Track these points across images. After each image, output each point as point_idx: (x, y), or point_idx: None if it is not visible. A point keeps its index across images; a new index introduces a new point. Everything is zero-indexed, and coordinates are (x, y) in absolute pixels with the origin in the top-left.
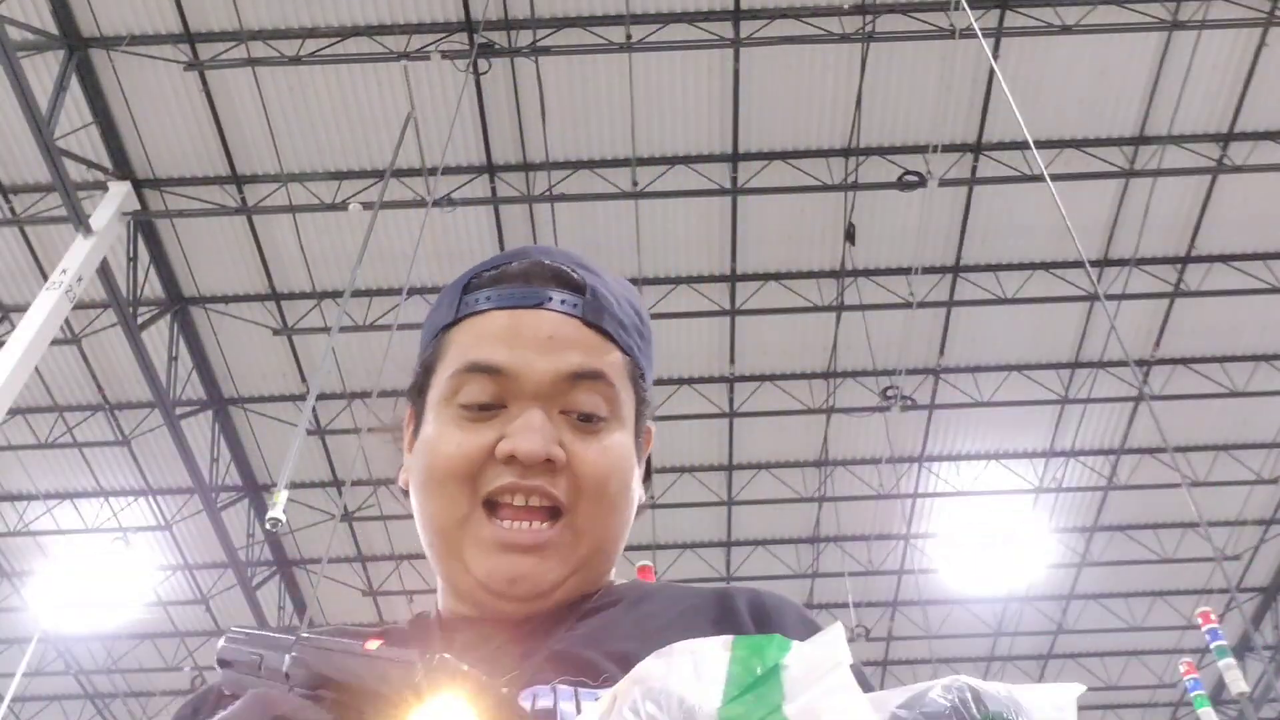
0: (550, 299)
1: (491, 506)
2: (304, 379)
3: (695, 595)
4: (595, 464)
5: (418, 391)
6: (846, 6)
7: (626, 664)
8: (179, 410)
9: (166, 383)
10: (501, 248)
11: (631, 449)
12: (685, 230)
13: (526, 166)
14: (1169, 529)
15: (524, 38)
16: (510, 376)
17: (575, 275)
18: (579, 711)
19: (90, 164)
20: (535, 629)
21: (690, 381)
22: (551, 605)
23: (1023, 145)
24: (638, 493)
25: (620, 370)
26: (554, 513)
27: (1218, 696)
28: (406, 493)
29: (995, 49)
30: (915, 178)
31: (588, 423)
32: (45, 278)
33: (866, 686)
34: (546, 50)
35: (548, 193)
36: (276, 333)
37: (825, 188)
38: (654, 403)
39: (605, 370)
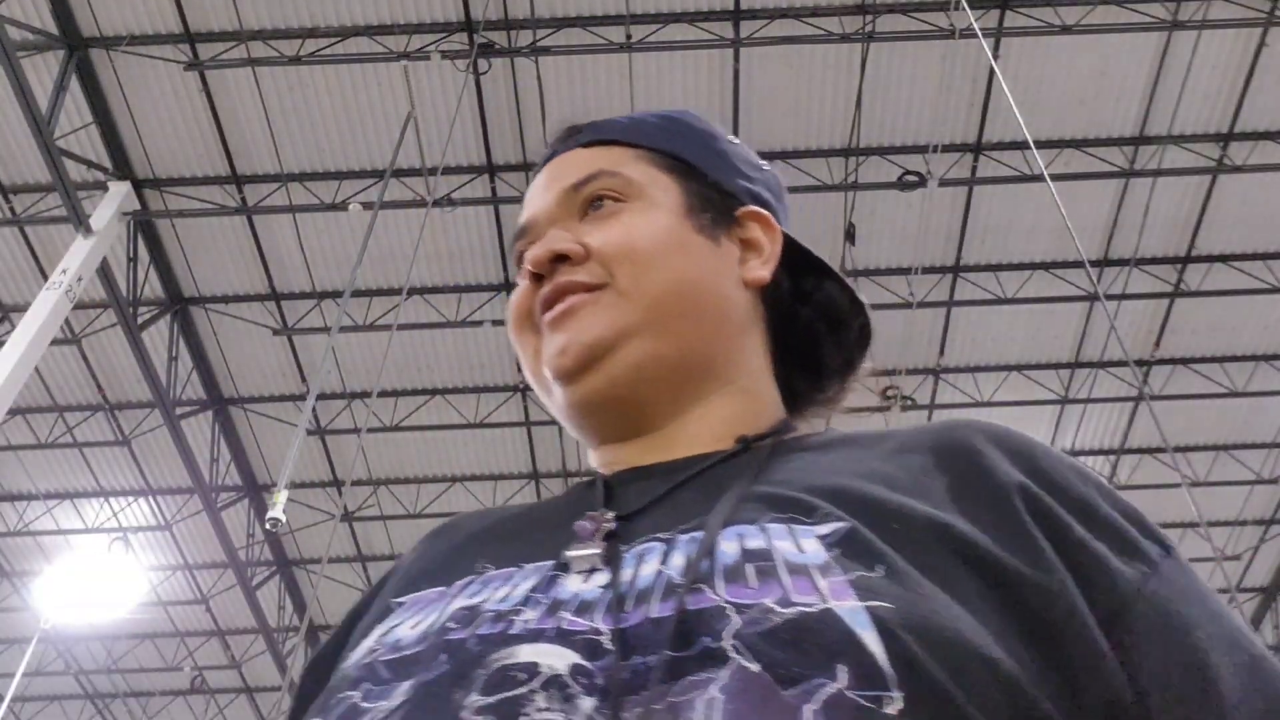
0: (556, 152)
1: None
2: (304, 379)
3: (914, 430)
4: (611, 234)
5: None
6: (848, 2)
7: (843, 500)
8: (179, 410)
9: (166, 383)
10: (501, 248)
11: (665, 220)
12: None
13: (527, 166)
14: (1169, 529)
15: (524, 38)
16: (532, 225)
17: (580, 124)
18: (801, 551)
19: (90, 164)
20: (712, 476)
21: None
22: (633, 376)
23: (1023, 145)
24: (710, 258)
25: (630, 160)
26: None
27: None
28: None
29: (995, 49)
30: (915, 178)
31: (598, 209)
32: (45, 278)
33: None
34: (546, 50)
35: None
36: (276, 332)
37: (825, 188)
38: (757, 191)
39: (604, 167)
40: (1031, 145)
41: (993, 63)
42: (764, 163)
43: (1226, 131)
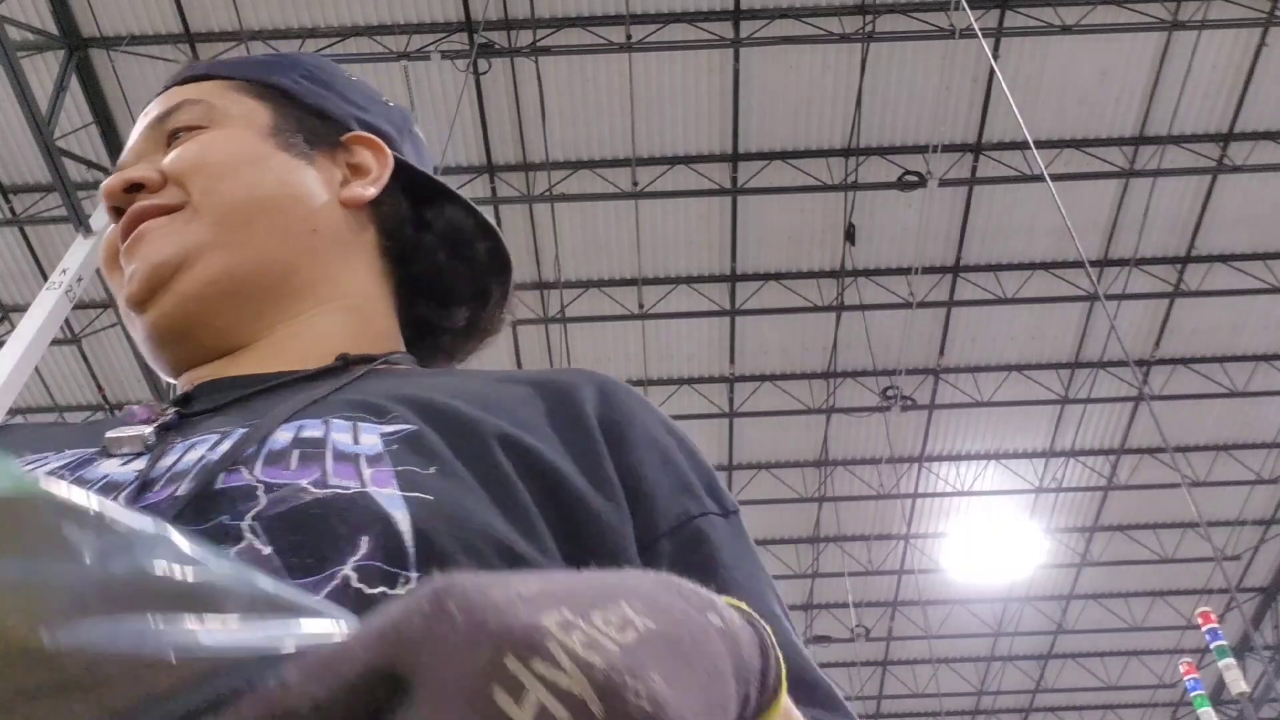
0: (158, 94)
1: None
2: None
3: (530, 370)
4: (184, 154)
5: None
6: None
7: (420, 407)
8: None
9: (166, 383)
10: None
11: (243, 137)
12: (685, 230)
13: (526, 166)
14: (1169, 529)
15: (524, 38)
16: (122, 165)
17: (185, 67)
18: (356, 443)
19: (90, 164)
20: (297, 386)
21: (690, 381)
22: (205, 293)
23: (1023, 145)
24: (297, 173)
25: (217, 90)
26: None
27: (1218, 696)
28: None
29: (995, 49)
30: (915, 178)
31: (178, 138)
32: (45, 278)
33: None
34: (546, 50)
35: (548, 193)
36: None
37: (825, 188)
38: (371, 121)
39: (189, 97)
40: (1031, 145)
41: (993, 63)
42: (390, 101)
43: (1226, 131)
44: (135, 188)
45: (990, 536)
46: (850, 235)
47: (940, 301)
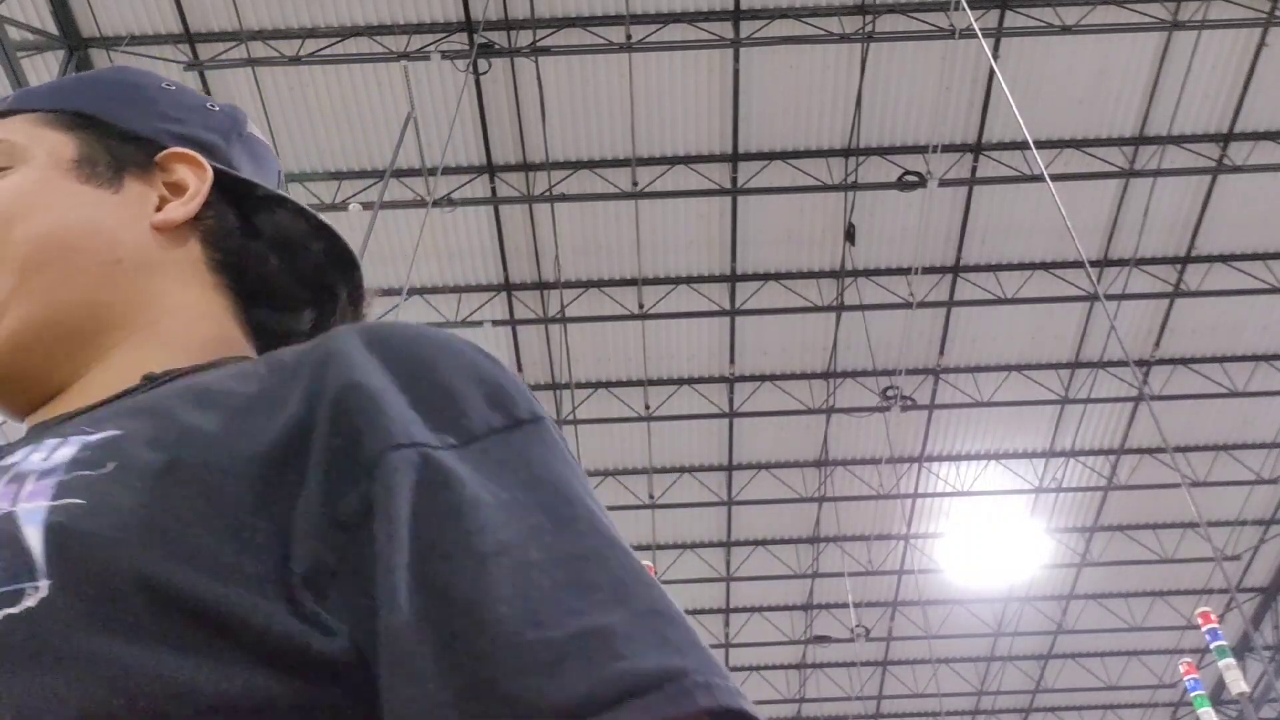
0: None
1: None
2: None
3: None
4: None
5: None
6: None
7: (141, 412)
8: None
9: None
10: (501, 247)
11: (42, 177)
12: (685, 230)
13: (526, 166)
14: (1169, 529)
15: (524, 38)
16: None
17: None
18: (47, 459)
19: None
20: (97, 410)
21: (690, 381)
22: (12, 346)
23: (1023, 145)
24: (97, 206)
25: (17, 126)
26: None
27: (1218, 696)
28: None
29: (995, 49)
30: (915, 178)
31: None
32: None
33: None
34: (546, 50)
35: (548, 193)
36: None
37: (825, 188)
38: (189, 133)
39: None
40: (1031, 145)
41: (993, 63)
42: (216, 105)
43: (1226, 131)
44: None
45: (990, 536)
46: (850, 235)
47: (940, 301)
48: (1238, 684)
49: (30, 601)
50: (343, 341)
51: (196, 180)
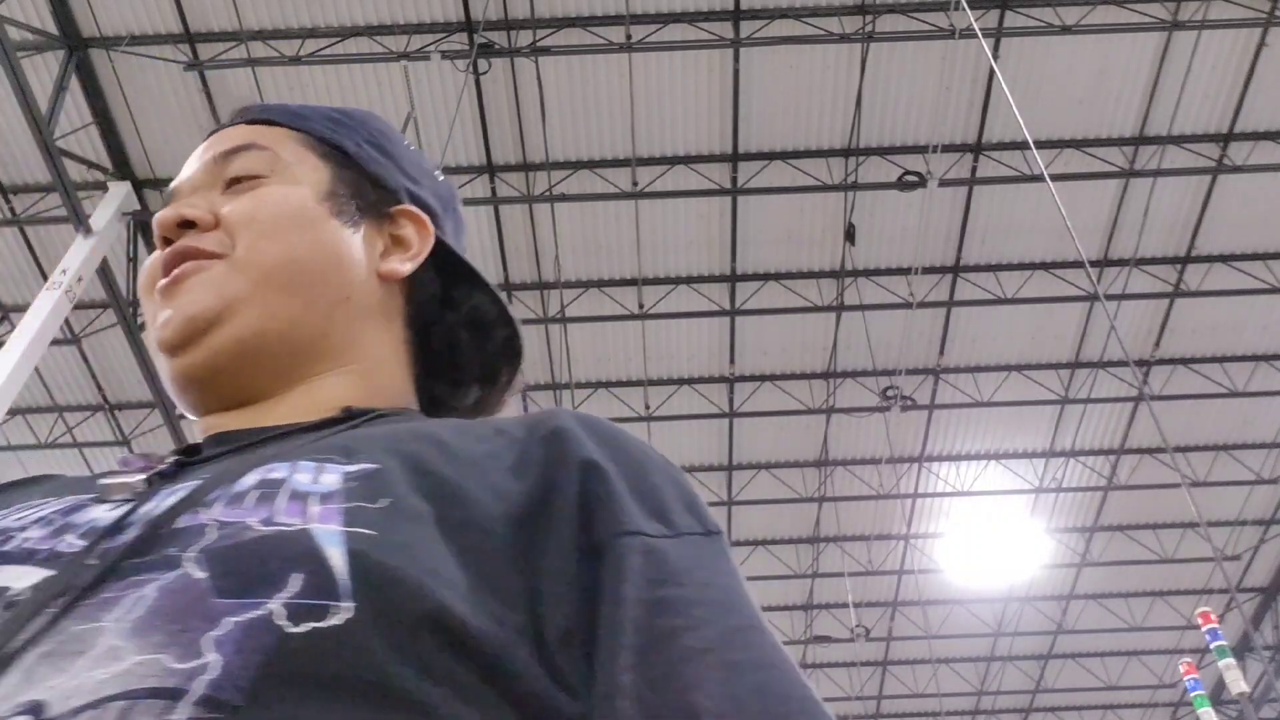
0: (221, 126)
1: None
2: None
3: (515, 417)
4: (242, 204)
5: None
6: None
7: (387, 449)
8: (179, 411)
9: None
10: (501, 248)
11: (300, 197)
12: (685, 230)
13: (526, 166)
14: (1169, 529)
15: (524, 38)
16: (176, 192)
17: (251, 105)
18: (315, 482)
19: (90, 164)
20: (296, 437)
21: (690, 381)
22: (235, 349)
23: (1023, 145)
24: (343, 242)
25: (285, 140)
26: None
27: (1218, 696)
28: None
29: (995, 49)
30: (915, 178)
31: (240, 182)
32: (45, 278)
33: None
34: (546, 50)
35: (548, 193)
36: None
37: (825, 188)
38: (421, 195)
39: (256, 140)
40: (1031, 145)
41: (993, 63)
42: (439, 174)
43: (1226, 131)
44: (188, 224)
45: (990, 536)
46: (850, 235)
47: (940, 301)
48: (1238, 684)
49: (336, 620)
50: (566, 420)
51: (419, 241)
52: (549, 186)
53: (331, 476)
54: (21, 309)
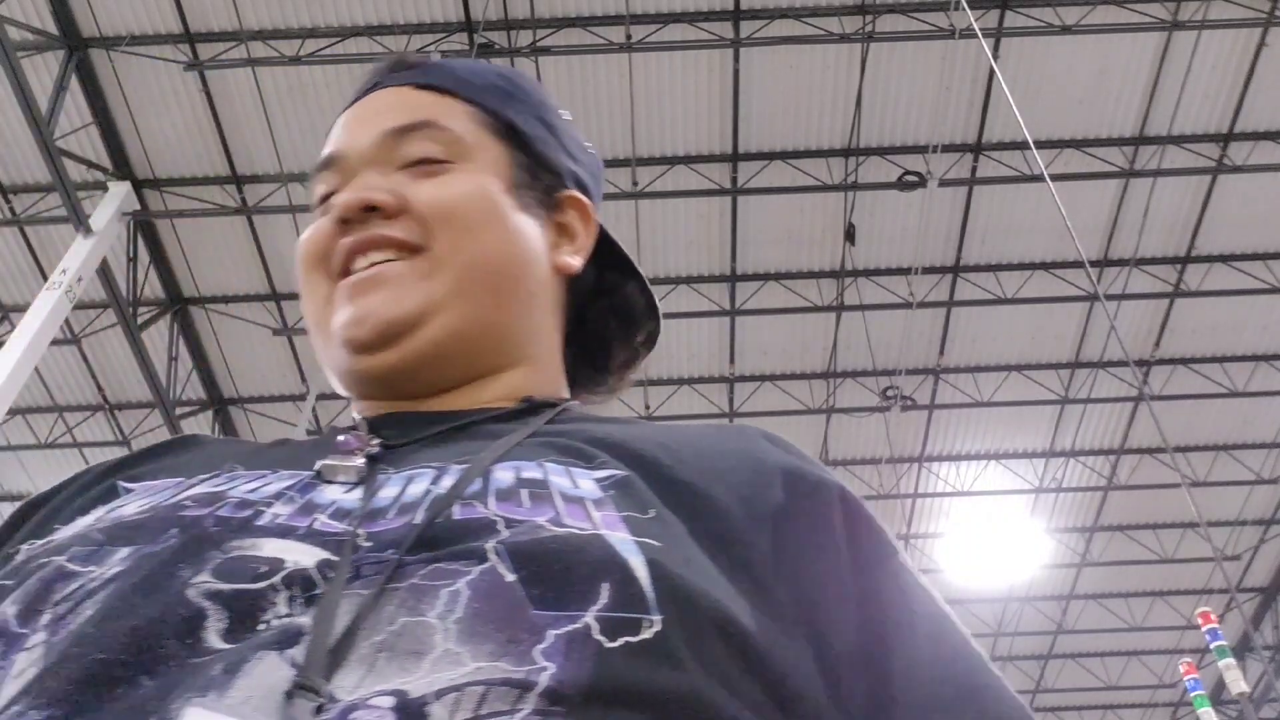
0: (381, 83)
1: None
2: (304, 379)
3: (697, 424)
4: (435, 194)
5: None
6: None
7: (621, 453)
8: (179, 411)
9: (166, 383)
10: None
11: (493, 189)
12: (685, 230)
13: None
14: (1169, 529)
15: (524, 38)
16: (341, 159)
17: (413, 58)
18: (576, 487)
19: (90, 164)
20: (489, 425)
21: (690, 381)
22: (431, 352)
23: (1022, 145)
24: (530, 237)
25: (462, 117)
26: (410, 255)
27: (1218, 696)
28: None
29: (995, 49)
30: (915, 178)
31: (421, 165)
32: (45, 278)
33: None
34: (546, 50)
35: None
36: (276, 333)
37: (825, 188)
38: (580, 174)
39: (435, 118)
40: (1031, 145)
41: (993, 63)
42: (588, 143)
43: (1226, 131)
44: (371, 208)
45: (990, 536)
46: (850, 235)
47: (940, 302)
48: (1238, 684)
49: (647, 634)
50: (774, 436)
51: (584, 233)
52: None
53: (587, 483)
54: (21, 309)
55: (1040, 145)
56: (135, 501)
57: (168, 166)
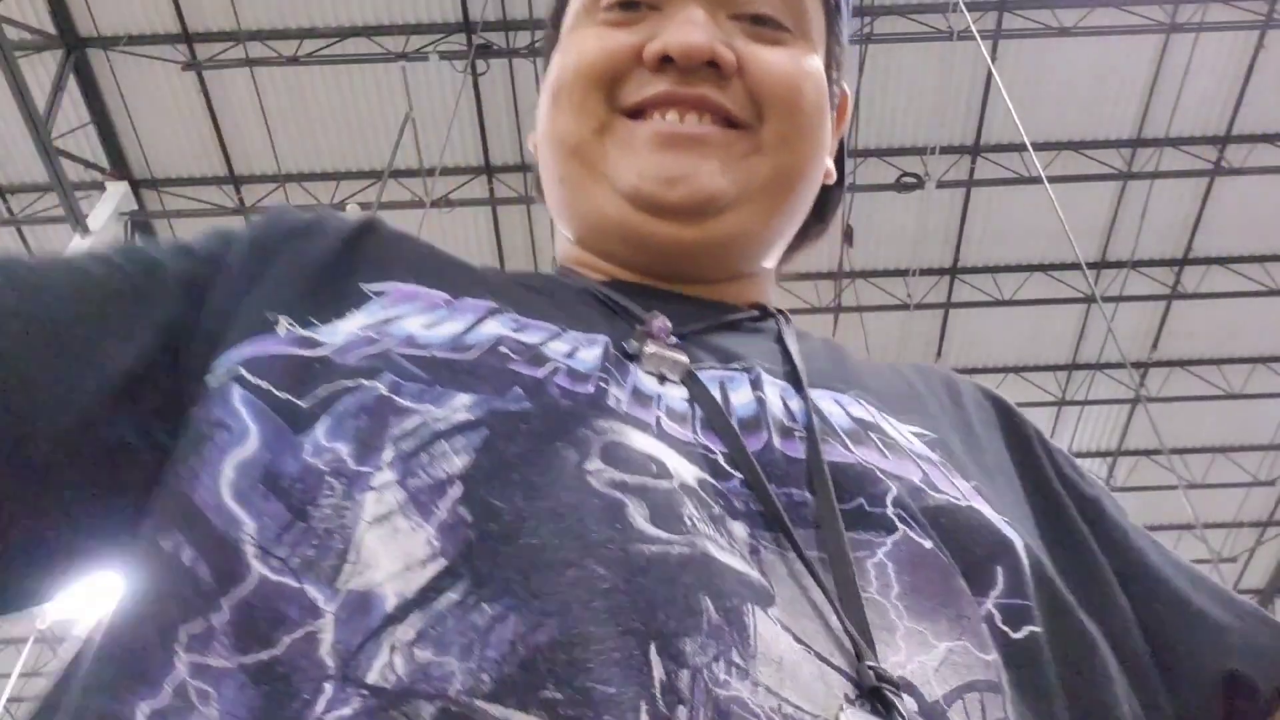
0: None
1: (639, 117)
2: None
3: (919, 365)
4: (782, 68)
5: (554, 24)
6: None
7: (910, 405)
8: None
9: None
10: (499, 249)
11: (825, 86)
12: None
13: (525, 167)
14: (1166, 531)
15: (522, 38)
16: None
17: None
18: (910, 441)
19: (87, 164)
20: (747, 328)
21: None
22: (725, 242)
23: (1020, 147)
24: (829, 146)
25: None
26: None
27: None
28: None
29: (993, 51)
30: (913, 179)
31: (764, 26)
32: None
33: None
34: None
35: None
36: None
37: None
38: (847, 65)
39: None
40: (1029, 147)
41: (990, 65)
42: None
43: (1224, 134)
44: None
45: None
46: (848, 236)
47: (938, 303)
48: None
49: (1035, 626)
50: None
51: (837, 132)
52: None
53: (918, 443)
54: None
55: (1038, 147)
56: (414, 318)
57: (165, 167)
